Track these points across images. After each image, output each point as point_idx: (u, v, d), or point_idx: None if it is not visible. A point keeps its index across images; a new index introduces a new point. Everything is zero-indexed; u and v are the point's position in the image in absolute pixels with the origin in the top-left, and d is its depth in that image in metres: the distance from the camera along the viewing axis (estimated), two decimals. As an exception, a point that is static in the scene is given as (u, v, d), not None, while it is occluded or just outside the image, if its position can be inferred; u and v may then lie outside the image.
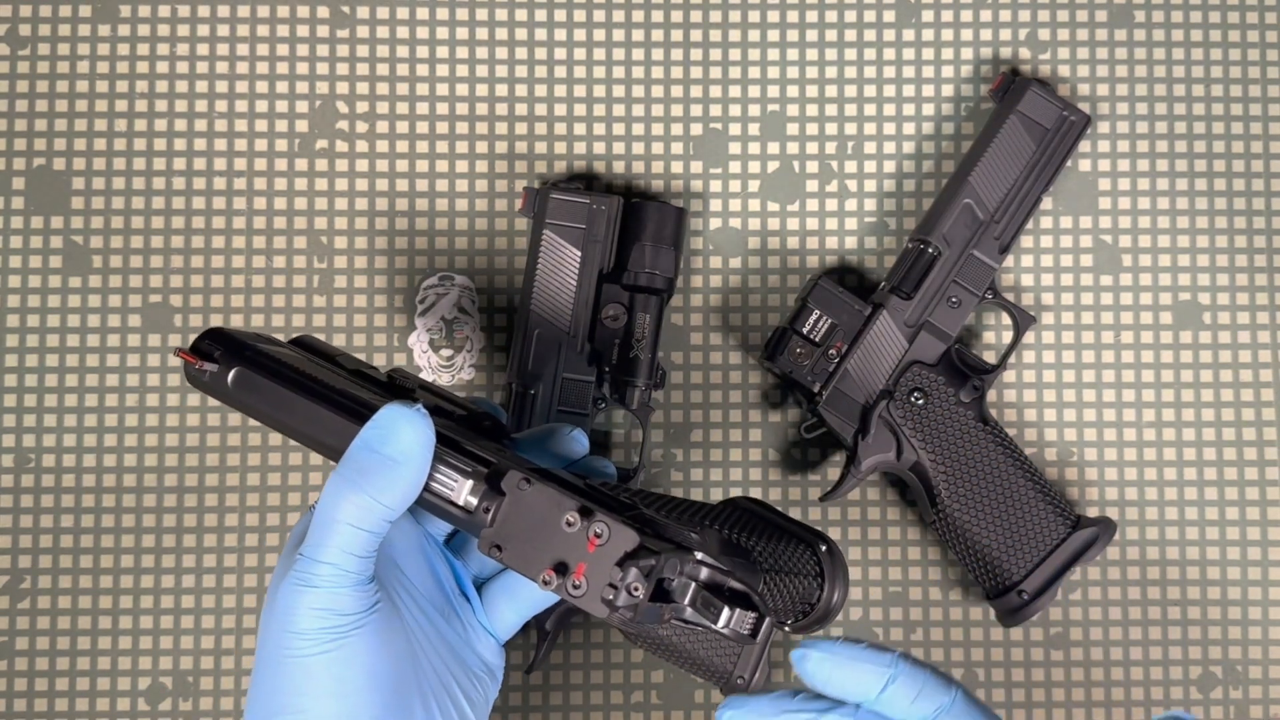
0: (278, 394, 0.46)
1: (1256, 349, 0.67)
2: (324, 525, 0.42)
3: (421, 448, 0.43)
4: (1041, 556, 0.62)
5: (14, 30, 0.67)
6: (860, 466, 0.63)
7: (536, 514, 0.42)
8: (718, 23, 0.68)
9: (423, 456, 0.43)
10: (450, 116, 0.68)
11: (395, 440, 0.42)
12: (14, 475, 0.65)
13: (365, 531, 0.42)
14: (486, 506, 0.43)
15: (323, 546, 0.42)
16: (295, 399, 0.46)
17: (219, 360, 0.47)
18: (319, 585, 0.42)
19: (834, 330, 0.64)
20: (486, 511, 0.42)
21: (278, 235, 0.67)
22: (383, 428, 0.43)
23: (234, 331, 0.49)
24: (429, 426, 0.43)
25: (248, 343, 0.48)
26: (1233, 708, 0.66)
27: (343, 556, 0.42)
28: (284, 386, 0.46)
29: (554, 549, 0.41)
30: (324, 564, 0.42)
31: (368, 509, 0.42)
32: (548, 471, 0.44)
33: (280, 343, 0.50)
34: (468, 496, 0.43)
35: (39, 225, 0.66)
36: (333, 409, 0.45)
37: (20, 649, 0.65)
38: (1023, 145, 0.64)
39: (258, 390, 0.47)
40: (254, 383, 0.47)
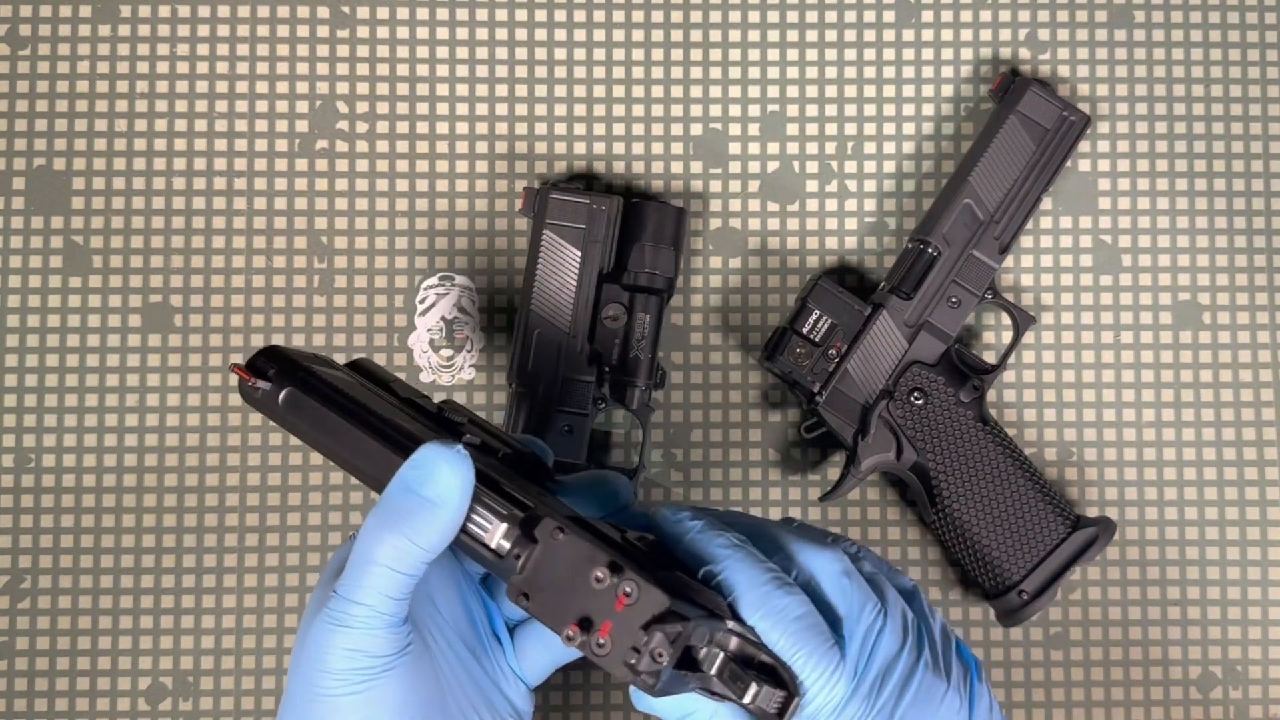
0: (325, 418, 0.46)
1: (1256, 349, 0.67)
2: (360, 566, 0.42)
3: (460, 490, 0.42)
4: (1041, 556, 0.62)
5: (14, 30, 0.67)
6: (860, 466, 0.63)
7: (567, 565, 0.40)
8: (718, 23, 0.68)
9: (461, 499, 0.42)
10: (450, 116, 0.68)
11: (433, 482, 0.42)
12: (14, 475, 0.65)
13: (401, 574, 0.42)
14: (518, 553, 0.41)
15: (358, 587, 0.42)
16: (342, 425, 0.46)
17: (272, 379, 0.47)
18: (352, 626, 0.42)
19: (834, 330, 0.64)
20: (517, 558, 0.41)
21: (278, 235, 0.67)
22: (421, 468, 0.42)
23: (291, 351, 0.49)
24: (468, 468, 0.42)
25: (302, 363, 0.48)
26: (1232, 708, 0.66)
27: (378, 598, 0.42)
28: (333, 411, 0.46)
29: (582, 603, 0.40)
30: (359, 604, 0.42)
31: (404, 551, 0.41)
32: (585, 521, 0.43)
33: (335, 365, 0.50)
34: (500, 540, 0.42)
35: (39, 225, 0.66)
36: (378, 439, 0.45)
37: (20, 649, 0.65)
38: (1022, 145, 0.64)
39: (307, 412, 0.46)
40: (304, 405, 0.46)
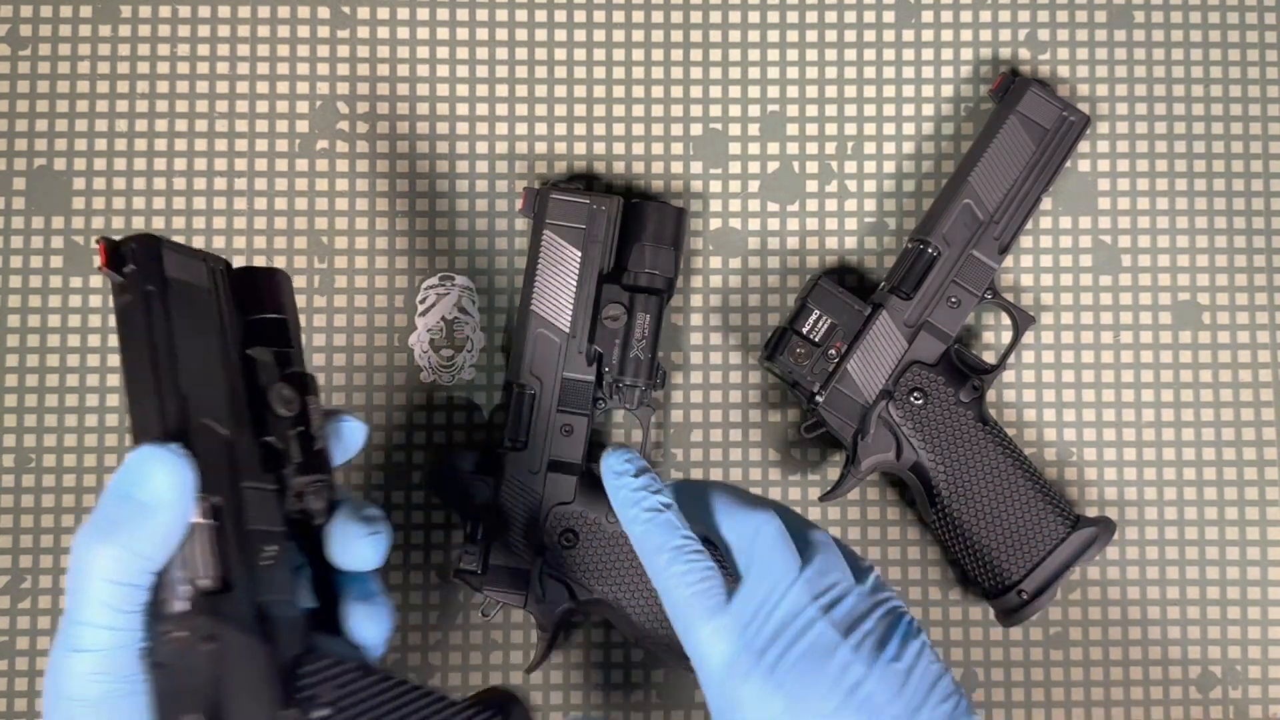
0: (136, 350, 0.42)
1: (1256, 349, 0.67)
2: (80, 582, 0.39)
3: (175, 491, 0.40)
4: (1041, 556, 0.62)
5: (14, 30, 0.67)
6: (860, 466, 0.63)
7: (191, 676, 0.38)
8: (718, 23, 0.68)
9: (177, 500, 0.40)
10: (450, 116, 0.68)
11: (147, 484, 0.39)
12: (14, 475, 0.65)
13: (126, 585, 0.39)
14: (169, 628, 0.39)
15: (83, 606, 0.39)
16: (137, 369, 0.42)
17: (125, 276, 0.42)
18: (88, 648, 0.39)
19: (834, 330, 0.64)
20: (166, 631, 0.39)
21: (278, 235, 0.67)
22: (133, 471, 0.40)
23: (170, 248, 0.44)
24: (186, 468, 0.40)
25: (166, 273, 0.43)
26: (1232, 707, 0.66)
27: (107, 614, 0.39)
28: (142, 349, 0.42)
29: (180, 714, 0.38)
30: (88, 626, 0.39)
31: (122, 561, 0.39)
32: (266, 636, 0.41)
33: (220, 274, 0.46)
34: (179, 601, 0.40)
35: (39, 225, 0.67)
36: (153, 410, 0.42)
37: (20, 649, 0.65)
38: (1022, 145, 0.64)
39: (129, 331, 0.43)
40: (131, 323, 0.42)
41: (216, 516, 0.41)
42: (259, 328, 0.47)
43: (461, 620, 0.65)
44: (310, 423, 0.46)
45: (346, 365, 0.66)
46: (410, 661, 0.65)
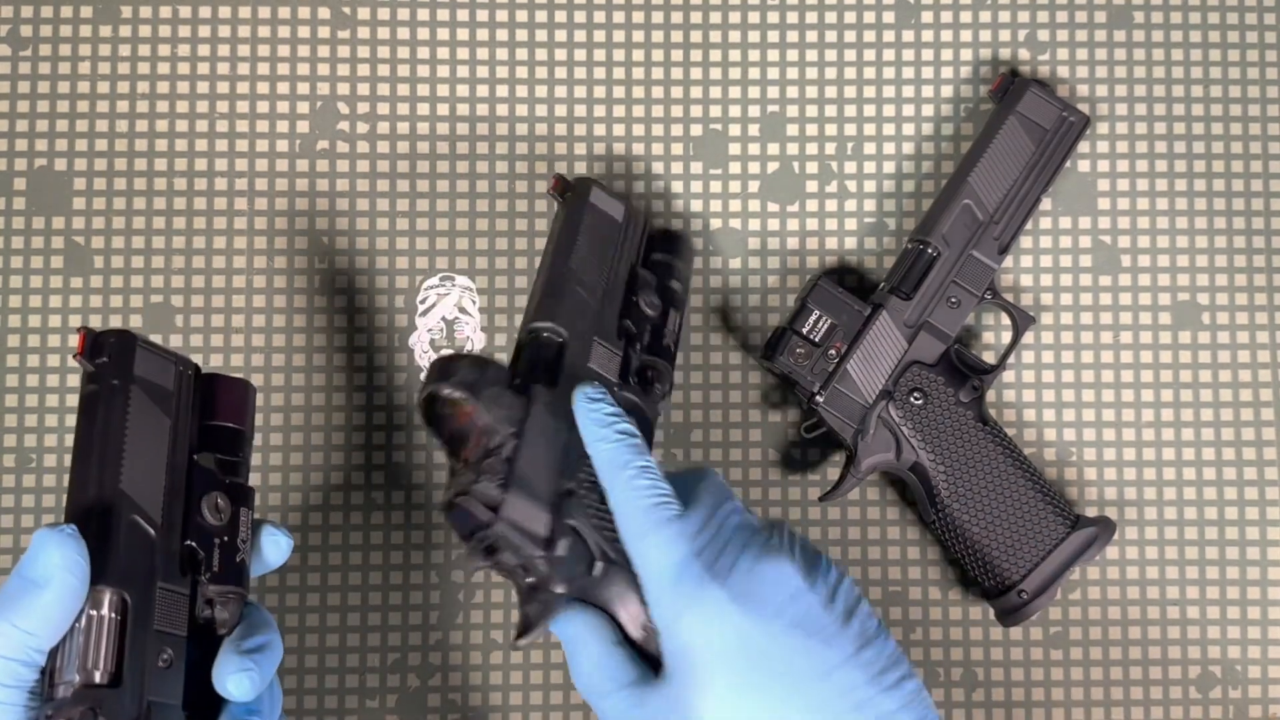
0: (83, 439, 0.45)
1: (1256, 349, 0.67)
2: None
3: (64, 570, 0.41)
4: (1041, 556, 0.62)
5: (14, 30, 0.67)
6: (860, 466, 0.63)
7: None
8: (718, 23, 0.68)
9: (67, 581, 0.41)
10: (450, 117, 0.68)
11: (38, 563, 0.41)
12: (14, 475, 0.65)
13: (11, 660, 0.40)
14: (49, 713, 0.41)
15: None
16: (78, 459, 0.45)
17: (97, 366, 0.46)
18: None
19: (834, 330, 0.64)
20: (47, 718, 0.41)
21: (278, 235, 0.67)
22: (31, 551, 0.41)
23: (149, 349, 0.48)
24: (77, 551, 0.41)
25: (137, 372, 0.47)
26: (1232, 707, 0.66)
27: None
28: (92, 436, 0.45)
29: None
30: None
31: (9, 636, 0.40)
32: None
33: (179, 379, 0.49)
34: (66, 688, 0.41)
35: (39, 225, 0.67)
36: (87, 489, 0.44)
37: (21, 649, 0.65)
38: (1022, 146, 0.64)
39: (85, 418, 0.46)
40: (90, 411, 0.46)
41: (123, 612, 0.43)
42: (212, 434, 0.50)
43: (462, 620, 0.65)
44: (237, 534, 0.48)
45: (346, 365, 0.66)
46: (410, 661, 0.65)
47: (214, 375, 0.51)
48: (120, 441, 0.45)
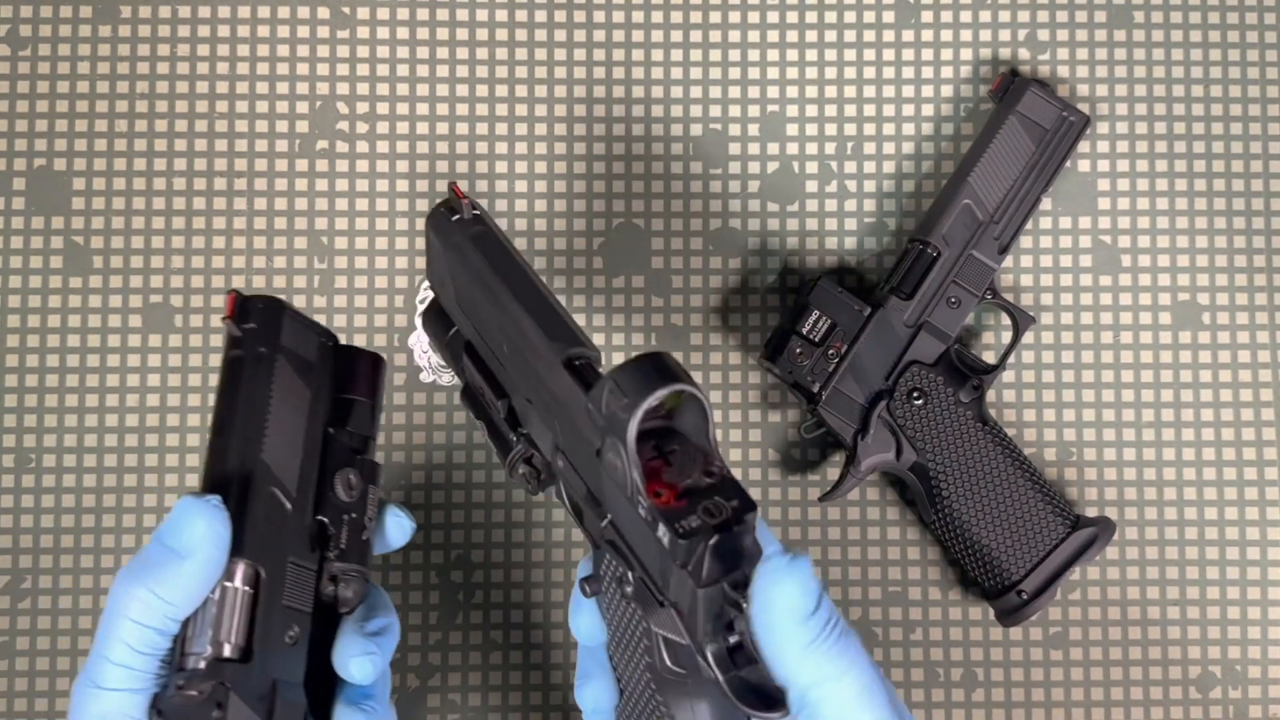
0: (229, 403, 0.44)
1: (1256, 349, 0.67)
2: (109, 619, 0.40)
3: (208, 542, 0.40)
4: (1041, 556, 0.62)
5: (14, 30, 0.67)
6: (860, 466, 0.63)
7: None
8: (718, 23, 0.68)
9: (210, 552, 0.40)
10: (450, 116, 0.68)
11: (181, 533, 0.40)
12: (14, 475, 0.65)
13: (148, 628, 0.40)
14: (181, 683, 0.40)
15: (108, 643, 0.40)
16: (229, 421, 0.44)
17: (244, 331, 0.45)
18: (106, 687, 0.40)
19: (834, 330, 0.64)
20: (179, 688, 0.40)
21: (278, 235, 0.67)
22: (173, 519, 0.41)
23: (295, 319, 0.46)
24: (222, 522, 0.41)
25: (283, 341, 0.45)
26: (1232, 707, 0.66)
27: (128, 654, 0.40)
28: (236, 402, 0.44)
29: None
30: (111, 663, 0.40)
31: (148, 604, 0.40)
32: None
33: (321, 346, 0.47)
34: (199, 659, 0.40)
35: (39, 225, 0.67)
36: (229, 457, 0.43)
37: (20, 649, 0.65)
38: (1022, 145, 0.64)
39: (229, 383, 0.44)
40: (234, 376, 0.44)
41: (256, 585, 0.42)
42: (345, 408, 0.48)
43: (462, 620, 0.65)
44: (365, 511, 0.47)
45: (346, 365, 0.66)
46: (410, 661, 0.65)
47: (349, 347, 0.49)
48: (264, 411, 0.44)
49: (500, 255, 0.46)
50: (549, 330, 0.44)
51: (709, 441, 0.41)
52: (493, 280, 0.46)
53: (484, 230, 0.47)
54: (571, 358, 0.44)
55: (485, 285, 0.46)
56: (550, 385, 0.44)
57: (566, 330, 0.44)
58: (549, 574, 0.66)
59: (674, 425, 0.42)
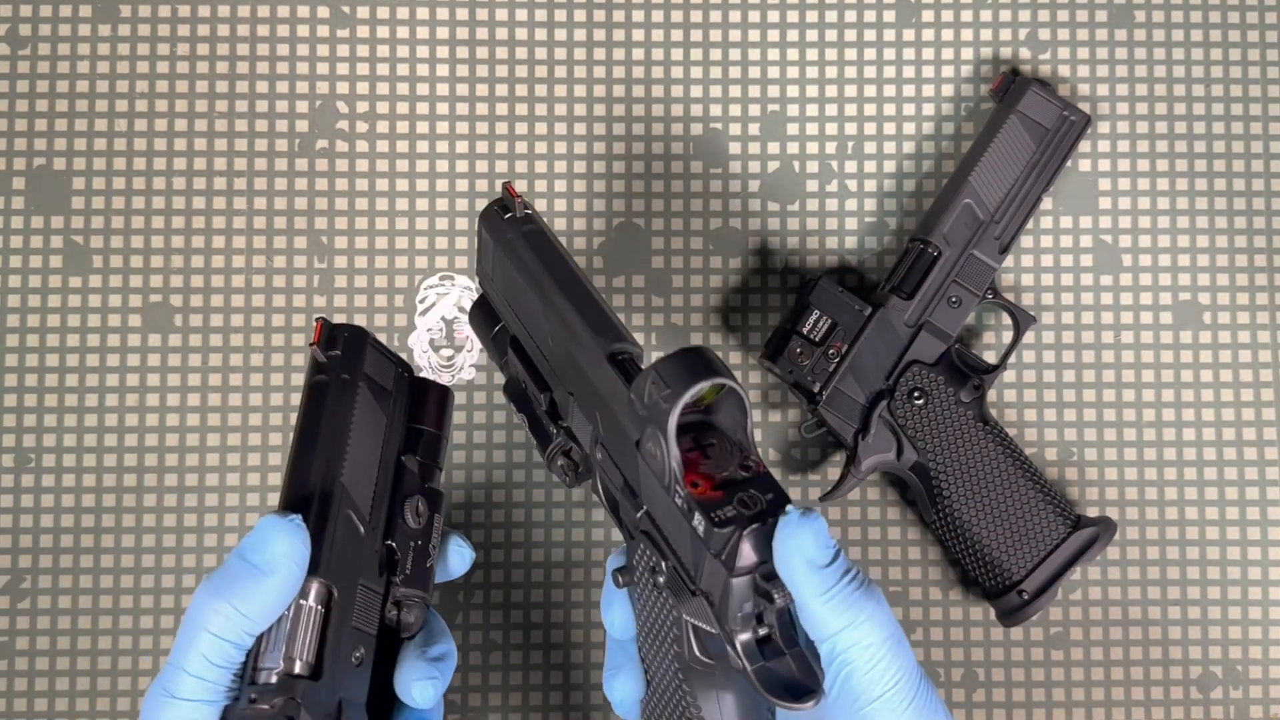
0: (311, 425, 0.46)
1: (1256, 349, 0.67)
2: (188, 631, 0.41)
3: (290, 560, 0.41)
4: (1042, 556, 0.62)
5: (14, 30, 0.67)
6: (860, 466, 0.63)
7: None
8: (718, 23, 0.68)
9: (291, 570, 0.42)
10: (450, 116, 0.68)
11: (265, 550, 0.42)
12: (14, 475, 0.65)
13: (226, 641, 0.41)
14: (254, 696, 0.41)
15: (185, 653, 0.41)
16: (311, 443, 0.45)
17: (329, 358, 0.47)
18: (181, 696, 0.41)
19: (834, 330, 0.64)
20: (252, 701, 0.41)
21: (278, 235, 0.67)
22: (256, 536, 0.42)
23: (377, 348, 0.48)
24: (304, 541, 0.42)
25: (366, 369, 0.47)
26: (1232, 707, 0.66)
27: (204, 666, 0.41)
28: (319, 425, 0.45)
29: None
30: (186, 674, 0.41)
31: (228, 617, 0.41)
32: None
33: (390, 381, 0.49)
34: (263, 675, 0.41)
35: (39, 225, 0.66)
36: (310, 478, 0.44)
37: (20, 649, 0.65)
38: (1023, 145, 0.64)
39: (312, 406, 0.46)
40: (318, 400, 0.46)
41: (329, 605, 0.43)
42: (416, 437, 0.49)
43: (461, 620, 0.65)
44: (430, 539, 0.48)
45: (346, 365, 0.66)
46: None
47: (421, 379, 0.51)
48: (345, 435, 0.45)
49: (549, 252, 0.48)
50: (595, 325, 0.46)
51: (747, 436, 0.42)
52: (542, 276, 0.47)
53: (535, 228, 0.49)
54: (615, 352, 0.45)
55: (534, 281, 0.48)
56: (593, 378, 0.45)
57: (611, 326, 0.46)
58: (569, 574, 0.66)
59: (712, 420, 0.43)
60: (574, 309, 0.46)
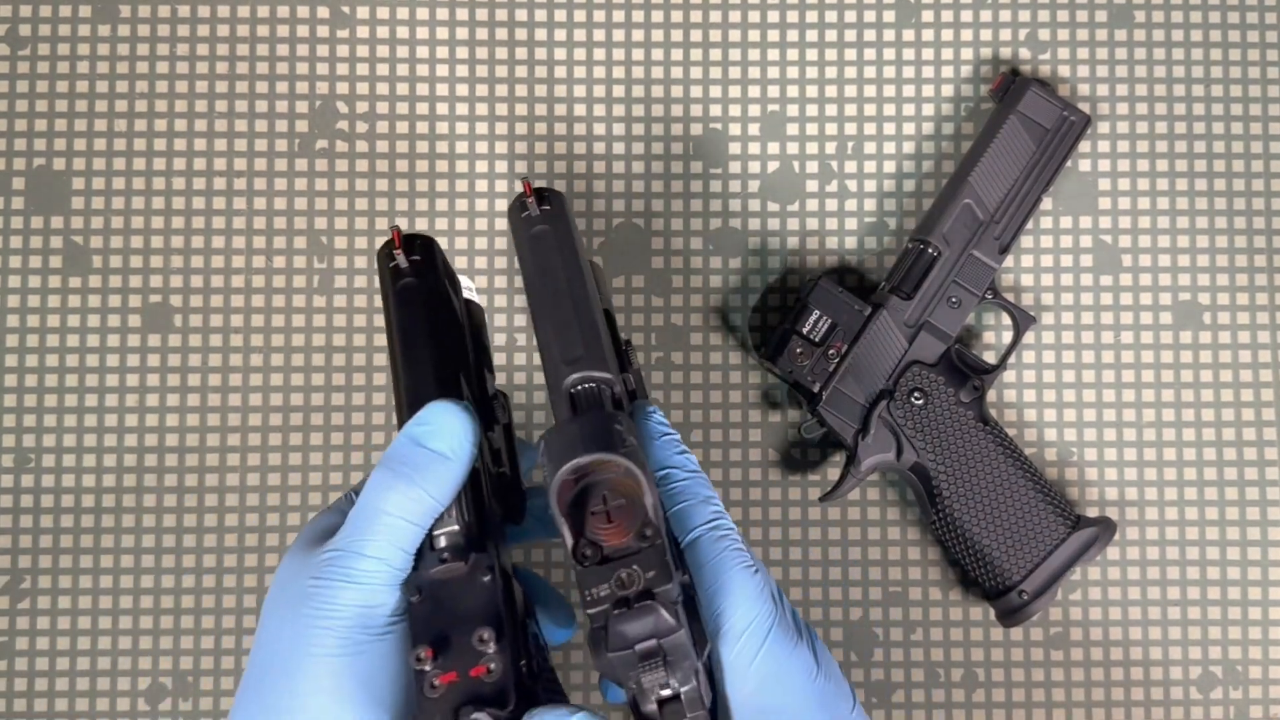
0: (412, 321, 0.47)
1: (1256, 349, 0.67)
2: (370, 518, 0.42)
3: (470, 443, 0.43)
4: (1042, 556, 0.62)
5: (14, 30, 0.67)
6: (860, 466, 0.63)
7: (470, 603, 0.41)
8: (718, 23, 0.68)
9: (469, 452, 0.43)
10: (450, 116, 0.68)
11: (442, 435, 0.43)
12: (14, 475, 0.65)
13: (413, 525, 0.42)
14: (445, 558, 0.42)
15: (367, 540, 0.42)
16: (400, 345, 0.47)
17: (412, 264, 0.48)
18: (361, 581, 0.42)
19: (834, 330, 0.64)
20: (442, 561, 0.42)
21: (278, 235, 0.67)
22: (429, 423, 0.43)
23: (439, 258, 0.50)
24: (475, 425, 0.43)
25: (437, 275, 0.49)
26: (1233, 708, 0.66)
27: (390, 550, 0.42)
28: (420, 320, 0.47)
29: (448, 639, 0.41)
30: (368, 558, 0.42)
31: (417, 501, 0.42)
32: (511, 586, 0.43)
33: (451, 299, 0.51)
34: (443, 537, 0.43)
35: (39, 225, 0.66)
36: (432, 370, 0.46)
37: (20, 649, 0.65)
38: (1023, 145, 0.64)
39: (403, 307, 0.48)
40: (407, 301, 0.48)
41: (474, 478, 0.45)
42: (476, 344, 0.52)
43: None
44: (499, 419, 0.50)
45: (346, 365, 0.66)
46: (410, 662, 0.65)
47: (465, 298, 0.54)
48: (454, 321, 0.49)
49: (548, 257, 0.48)
50: (563, 348, 0.45)
51: (646, 505, 0.42)
52: (537, 284, 0.48)
53: (543, 231, 0.48)
54: (573, 383, 0.45)
55: (530, 285, 0.48)
56: (555, 411, 0.46)
57: (580, 351, 0.45)
58: (549, 574, 0.66)
59: (624, 479, 0.42)
60: (551, 327, 0.46)
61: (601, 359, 0.45)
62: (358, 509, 0.43)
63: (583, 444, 0.41)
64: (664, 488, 0.46)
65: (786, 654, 0.44)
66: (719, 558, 0.45)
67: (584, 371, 0.45)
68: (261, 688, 0.42)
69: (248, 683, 0.43)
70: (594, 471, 0.42)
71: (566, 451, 0.41)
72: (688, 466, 0.47)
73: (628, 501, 0.42)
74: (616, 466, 0.41)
